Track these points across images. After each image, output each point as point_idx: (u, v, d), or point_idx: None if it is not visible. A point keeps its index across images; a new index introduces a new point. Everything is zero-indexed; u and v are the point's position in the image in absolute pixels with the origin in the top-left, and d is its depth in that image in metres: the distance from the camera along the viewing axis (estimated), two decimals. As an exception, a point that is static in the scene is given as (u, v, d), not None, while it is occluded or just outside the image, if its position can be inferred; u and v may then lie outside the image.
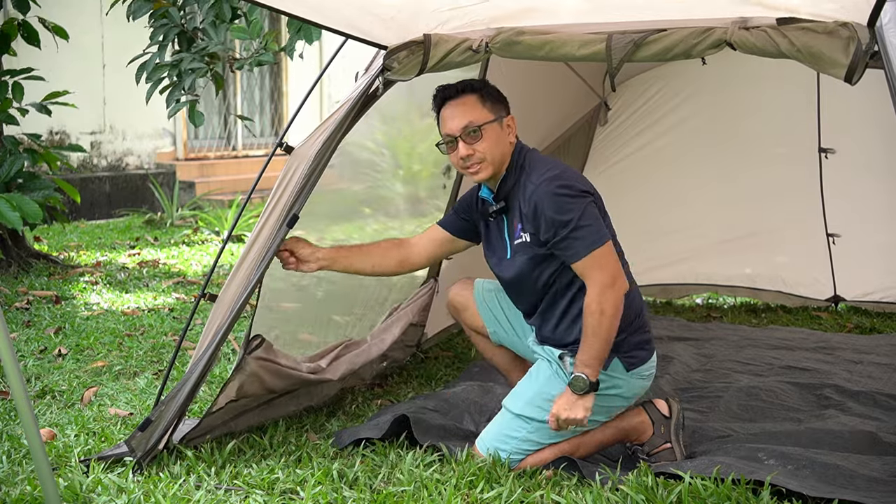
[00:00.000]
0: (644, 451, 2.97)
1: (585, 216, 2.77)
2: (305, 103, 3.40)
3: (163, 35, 5.22)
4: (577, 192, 2.81)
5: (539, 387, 2.91)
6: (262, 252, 2.99)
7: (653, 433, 2.97)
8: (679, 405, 3.04)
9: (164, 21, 5.21)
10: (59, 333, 4.63)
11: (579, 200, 2.79)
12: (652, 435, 2.97)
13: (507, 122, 2.93)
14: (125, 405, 3.58)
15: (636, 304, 2.93)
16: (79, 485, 2.67)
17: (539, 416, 2.86)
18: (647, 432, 2.98)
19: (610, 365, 2.85)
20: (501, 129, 2.91)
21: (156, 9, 5.21)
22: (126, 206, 9.50)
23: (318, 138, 3.07)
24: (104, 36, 9.47)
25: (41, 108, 6.19)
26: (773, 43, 2.48)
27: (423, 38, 2.97)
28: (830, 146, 5.18)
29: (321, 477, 2.75)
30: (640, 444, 2.99)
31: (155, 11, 5.23)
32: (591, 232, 2.76)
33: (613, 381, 2.87)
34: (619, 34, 2.72)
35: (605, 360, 2.81)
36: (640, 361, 2.91)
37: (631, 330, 2.89)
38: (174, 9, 5.19)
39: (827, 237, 5.32)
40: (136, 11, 5.19)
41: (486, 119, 2.88)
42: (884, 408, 3.56)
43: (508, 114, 2.95)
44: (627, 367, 2.88)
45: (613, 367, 2.86)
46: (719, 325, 5.06)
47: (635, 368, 2.90)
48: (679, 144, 5.38)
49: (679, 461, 2.92)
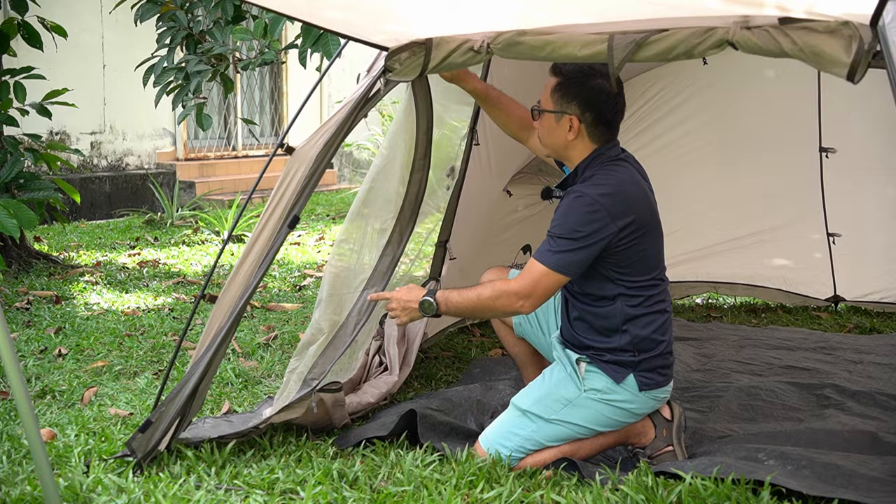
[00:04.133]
0: (646, 453, 2.97)
1: (574, 234, 2.75)
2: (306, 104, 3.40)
3: (170, 38, 5.22)
4: (594, 214, 2.75)
5: (550, 387, 2.92)
6: (263, 253, 2.99)
7: (655, 436, 2.97)
8: (681, 408, 3.04)
9: (172, 24, 5.21)
10: (59, 333, 4.63)
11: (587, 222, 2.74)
12: (654, 438, 2.97)
13: (566, 120, 2.88)
14: (125, 405, 3.58)
15: (659, 328, 2.89)
16: (79, 485, 2.67)
17: (545, 415, 2.87)
18: (649, 435, 2.98)
19: (625, 379, 2.86)
20: (558, 124, 2.90)
21: (163, 12, 5.21)
22: (126, 206, 9.50)
23: (319, 139, 3.07)
24: (104, 36, 9.47)
25: (41, 109, 6.18)
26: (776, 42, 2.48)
27: (424, 40, 2.97)
28: (831, 146, 5.18)
29: (321, 477, 2.75)
30: (641, 447, 2.99)
31: (162, 14, 5.23)
32: (559, 248, 2.76)
33: (625, 394, 2.87)
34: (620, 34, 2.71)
35: (461, 314, 2.95)
36: (654, 385, 2.90)
37: (646, 349, 2.85)
38: (181, 12, 5.19)
39: (827, 237, 5.32)
40: (144, 14, 5.20)
41: (547, 107, 2.92)
42: (884, 408, 3.56)
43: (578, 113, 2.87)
44: (640, 387, 2.87)
45: (628, 382, 2.86)
46: (719, 325, 5.06)
47: (649, 390, 2.89)
48: (679, 144, 5.37)
49: (680, 461, 2.91)
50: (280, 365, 4.16)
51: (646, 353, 2.86)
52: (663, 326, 2.90)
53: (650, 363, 2.87)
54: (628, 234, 2.79)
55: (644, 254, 2.85)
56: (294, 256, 7.26)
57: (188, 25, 5.21)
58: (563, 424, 2.88)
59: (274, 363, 4.18)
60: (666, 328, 2.91)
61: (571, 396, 2.87)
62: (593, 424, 2.89)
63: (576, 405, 2.87)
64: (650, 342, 2.86)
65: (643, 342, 2.85)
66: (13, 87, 5.99)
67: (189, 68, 5.08)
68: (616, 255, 2.80)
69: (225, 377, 3.92)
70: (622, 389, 2.85)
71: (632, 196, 2.84)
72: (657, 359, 2.88)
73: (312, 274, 6.51)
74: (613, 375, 2.85)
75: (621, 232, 2.77)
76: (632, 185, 2.87)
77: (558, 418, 2.87)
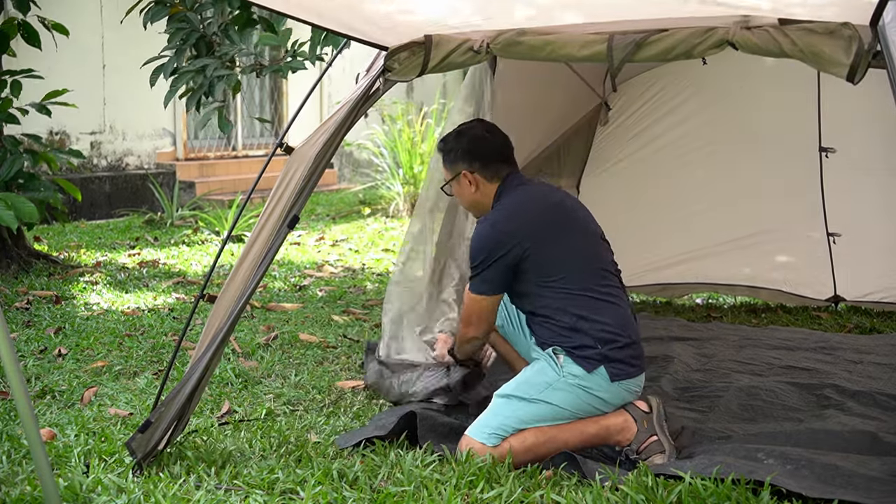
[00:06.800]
0: (633, 449, 3.01)
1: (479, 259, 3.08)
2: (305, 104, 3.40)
3: (182, 39, 5.21)
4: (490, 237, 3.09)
5: (531, 373, 3.08)
6: (262, 252, 2.99)
7: (636, 430, 3.02)
8: (657, 399, 3.11)
9: (182, 25, 5.20)
10: (59, 333, 4.63)
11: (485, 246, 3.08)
12: (637, 432, 3.02)
13: (463, 178, 3.24)
14: (125, 405, 3.58)
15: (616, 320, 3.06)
16: (79, 485, 2.67)
17: (527, 396, 3.00)
18: (632, 429, 3.03)
19: (597, 369, 2.99)
20: (461, 186, 3.28)
21: (172, 13, 5.21)
22: (126, 206, 9.50)
23: (318, 139, 3.07)
24: (104, 36, 9.47)
25: (41, 109, 6.18)
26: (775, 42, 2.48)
27: (423, 39, 2.97)
28: (831, 145, 5.18)
29: (321, 477, 2.75)
30: (627, 444, 3.02)
31: (172, 16, 5.22)
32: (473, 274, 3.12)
33: (599, 383, 3.00)
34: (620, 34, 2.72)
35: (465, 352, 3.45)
36: (626, 375, 3.04)
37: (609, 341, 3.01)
38: (192, 13, 5.19)
39: (827, 237, 5.32)
40: (154, 17, 5.20)
41: (447, 178, 3.32)
42: (884, 408, 3.56)
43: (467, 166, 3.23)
44: (612, 378, 3.00)
45: (599, 371, 3.00)
46: (719, 325, 5.06)
47: (620, 380, 3.02)
48: (679, 144, 5.38)
49: (669, 452, 2.96)
50: (280, 365, 4.16)
51: (610, 345, 3.00)
52: (621, 318, 3.06)
53: (618, 353, 3.01)
54: (533, 245, 3.04)
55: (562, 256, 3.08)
56: (294, 256, 7.26)
57: (200, 27, 5.20)
58: (543, 404, 2.99)
59: (274, 363, 4.18)
60: (624, 319, 3.07)
61: (551, 380, 3.01)
62: (571, 407, 3.01)
63: (555, 388, 3.00)
64: (610, 334, 3.01)
65: (603, 335, 3.00)
66: (10, 85, 5.98)
67: (208, 72, 5.07)
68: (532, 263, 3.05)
69: (225, 377, 3.92)
70: (595, 377, 2.99)
71: (526, 210, 3.15)
72: (624, 349, 3.03)
73: (312, 274, 6.52)
74: (585, 366, 2.99)
75: (523, 243, 3.04)
76: (529, 202, 3.18)
77: (539, 398, 3.00)
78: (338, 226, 9.04)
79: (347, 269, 6.79)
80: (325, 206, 10.41)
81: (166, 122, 10.30)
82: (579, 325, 3.01)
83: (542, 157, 4.96)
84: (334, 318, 5.11)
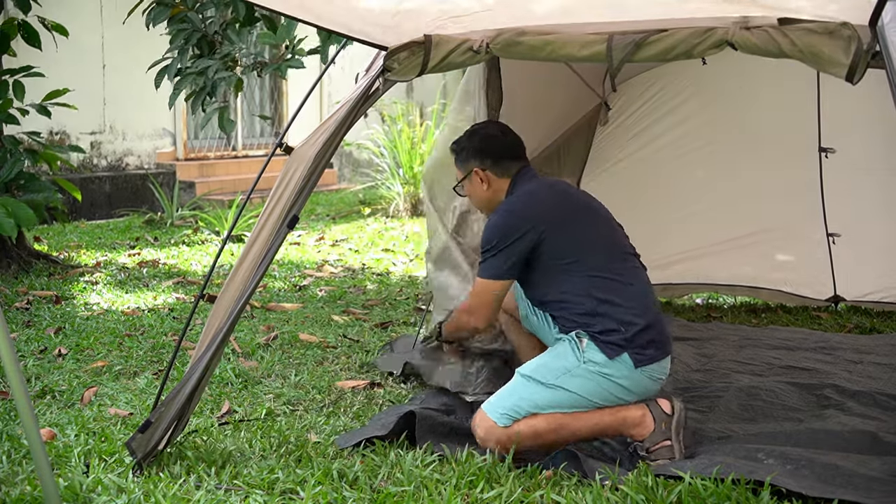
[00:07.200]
0: (644, 446, 2.98)
1: (492, 243, 3.08)
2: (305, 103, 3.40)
3: (184, 39, 5.21)
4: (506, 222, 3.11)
5: (551, 357, 3.06)
6: (262, 252, 2.99)
7: (654, 429, 2.98)
8: (683, 405, 3.05)
9: (184, 25, 5.20)
10: (59, 333, 4.63)
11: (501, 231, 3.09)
12: (653, 431, 2.98)
13: (475, 176, 3.29)
14: (125, 405, 3.58)
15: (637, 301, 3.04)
16: (79, 485, 2.67)
17: (544, 380, 2.98)
18: (648, 427, 2.98)
19: (620, 356, 2.96)
20: (473, 185, 3.32)
21: (174, 14, 5.21)
22: (126, 206, 9.50)
23: (318, 139, 3.07)
24: (104, 36, 9.47)
25: (41, 110, 6.18)
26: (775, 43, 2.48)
27: (423, 39, 2.97)
28: (831, 146, 5.18)
29: (321, 477, 2.75)
30: (640, 439, 3.00)
31: (173, 16, 5.22)
32: (485, 258, 3.11)
33: (621, 370, 2.97)
34: (619, 34, 2.72)
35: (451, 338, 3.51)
36: (649, 360, 2.99)
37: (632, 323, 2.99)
38: (193, 13, 5.19)
39: (827, 237, 5.32)
40: (156, 17, 5.20)
41: (459, 177, 3.36)
42: (884, 408, 3.56)
43: (479, 164, 3.28)
44: (636, 364, 2.97)
45: (623, 358, 2.96)
46: (719, 325, 5.06)
47: (643, 366, 2.98)
48: (679, 144, 5.37)
49: (678, 460, 2.92)
50: (280, 365, 4.16)
51: (634, 327, 2.98)
52: (643, 299, 3.06)
53: (642, 337, 2.98)
54: (548, 228, 3.05)
55: (579, 238, 3.09)
56: (294, 256, 7.26)
57: (201, 27, 5.20)
58: (560, 390, 2.97)
59: (274, 363, 4.18)
60: (646, 300, 3.07)
61: (570, 366, 2.98)
62: (589, 395, 2.97)
63: (574, 375, 2.97)
64: (633, 316, 3.00)
65: (627, 317, 2.99)
66: (12, 85, 5.98)
67: (209, 74, 5.07)
68: (548, 246, 3.04)
69: (225, 377, 3.92)
70: (617, 364, 2.96)
71: (541, 197, 3.18)
72: (647, 331, 3.00)
73: (312, 274, 6.52)
74: (608, 353, 2.96)
75: (538, 227, 3.05)
76: (543, 190, 3.22)
77: (556, 384, 2.97)
78: (338, 226, 9.04)
79: (347, 269, 6.79)
80: (324, 206, 10.41)
81: (166, 122, 10.30)
82: (601, 309, 2.99)
83: (542, 157, 4.95)
84: (334, 318, 5.11)
